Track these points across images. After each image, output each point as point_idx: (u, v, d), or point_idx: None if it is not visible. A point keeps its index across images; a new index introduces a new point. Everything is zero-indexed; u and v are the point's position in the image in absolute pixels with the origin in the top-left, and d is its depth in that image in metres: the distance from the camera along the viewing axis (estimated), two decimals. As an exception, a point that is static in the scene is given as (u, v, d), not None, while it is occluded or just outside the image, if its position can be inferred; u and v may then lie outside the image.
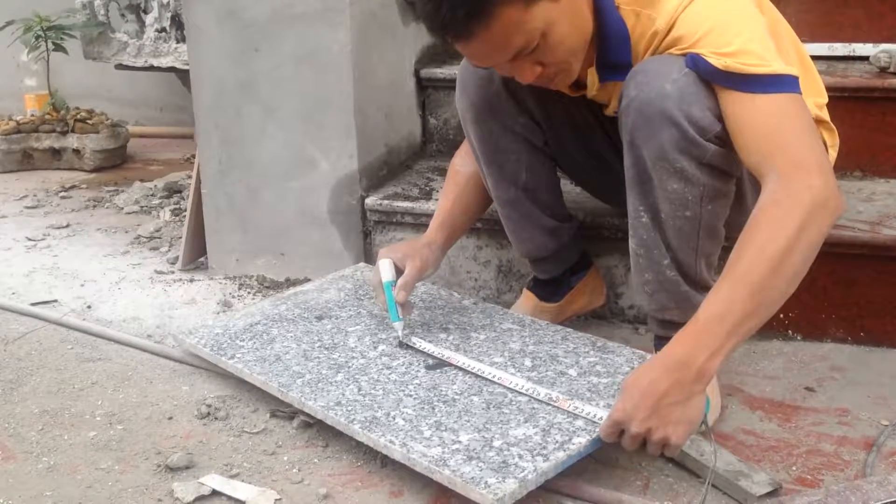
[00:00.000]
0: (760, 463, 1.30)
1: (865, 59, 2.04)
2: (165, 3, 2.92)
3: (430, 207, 1.87)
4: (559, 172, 1.66)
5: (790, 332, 1.70)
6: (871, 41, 2.10)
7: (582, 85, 1.42)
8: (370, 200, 1.96)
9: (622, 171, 1.35)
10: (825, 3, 2.19)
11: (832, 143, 1.48)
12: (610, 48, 1.34)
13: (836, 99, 1.57)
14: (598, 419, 1.25)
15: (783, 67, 1.20)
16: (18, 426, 1.46)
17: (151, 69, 3.03)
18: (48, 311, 1.92)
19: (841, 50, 2.12)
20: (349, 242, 2.01)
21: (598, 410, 1.28)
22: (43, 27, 3.08)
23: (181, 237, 2.19)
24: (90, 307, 1.95)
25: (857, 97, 1.90)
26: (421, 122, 2.28)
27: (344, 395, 1.39)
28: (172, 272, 2.14)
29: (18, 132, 3.15)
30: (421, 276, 1.54)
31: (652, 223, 1.33)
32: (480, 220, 1.77)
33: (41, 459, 1.36)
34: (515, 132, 1.54)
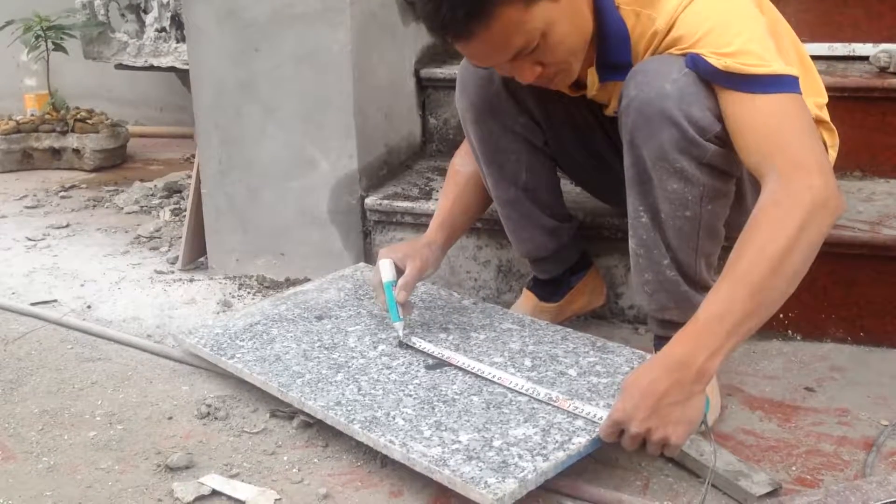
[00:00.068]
0: (760, 463, 1.30)
1: (865, 58, 2.04)
2: (165, 2, 2.92)
3: (429, 207, 1.87)
4: (559, 172, 1.66)
5: (790, 332, 1.70)
6: (870, 41, 2.10)
7: (582, 85, 1.42)
8: (370, 200, 1.96)
9: (622, 171, 1.35)
10: (825, 2, 2.19)
11: (832, 143, 1.48)
12: (610, 48, 1.34)
13: (835, 99, 1.57)
14: (597, 419, 1.25)
15: (783, 68, 1.20)
16: (18, 426, 1.46)
17: (151, 69, 3.03)
18: (48, 311, 1.92)
19: (841, 50, 2.12)
20: (349, 242, 2.01)
21: (597, 410, 1.28)
22: (43, 27, 3.08)
23: (181, 237, 2.19)
24: (90, 307, 1.95)
25: (856, 97, 1.90)
26: (421, 122, 2.28)
27: (344, 394, 1.39)
28: (172, 272, 2.14)
29: (18, 132, 3.15)
30: (421, 276, 1.54)
31: (652, 223, 1.33)
32: (480, 220, 1.77)
33: (41, 459, 1.36)
34: (515, 132, 1.54)
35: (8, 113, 3.36)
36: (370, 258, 1.99)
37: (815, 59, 1.57)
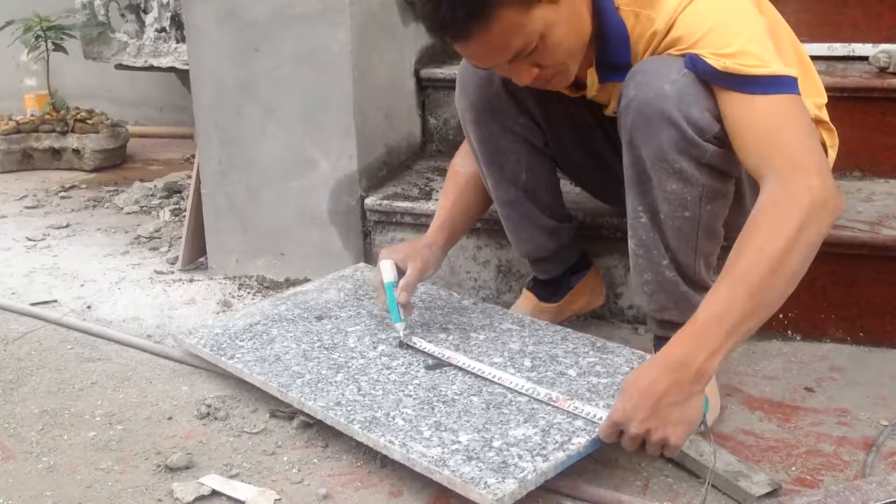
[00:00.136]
0: (760, 463, 1.30)
1: (865, 59, 2.04)
2: (165, 3, 2.92)
3: (429, 207, 1.87)
4: (559, 173, 1.66)
5: (789, 332, 1.70)
6: (870, 41, 2.10)
7: (582, 85, 1.42)
8: (370, 200, 1.96)
9: (622, 171, 1.35)
10: (824, 3, 2.19)
11: (832, 143, 1.48)
12: (609, 49, 1.34)
13: (835, 99, 1.57)
14: (597, 419, 1.25)
15: (782, 68, 1.20)
16: (18, 426, 1.46)
17: (151, 69, 3.03)
18: (48, 311, 1.92)
19: (840, 50, 2.12)
20: (349, 242, 2.01)
21: (597, 411, 1.28)
22: (43, 27, 3.08)
23: (181, 237, 2.19)
24: (90, 307, 1.95)
25: (856, 97, 1.90)
26: (421, 122, 2.28)
27: (343, 395, 1.39)
28: (172, 272, 2.14)
29: (18, 132, 3.15)
30: (422, 276, 1.54)
31: (651, 223, 1.33)
32: (480, 220, 1.77)
33: (41, 459, 1.36)
34: (515, 133, 1.54)
35: (8, 113, 3.36)
36: (370, 258, 2.00)
37: (814, 59, 1.57)
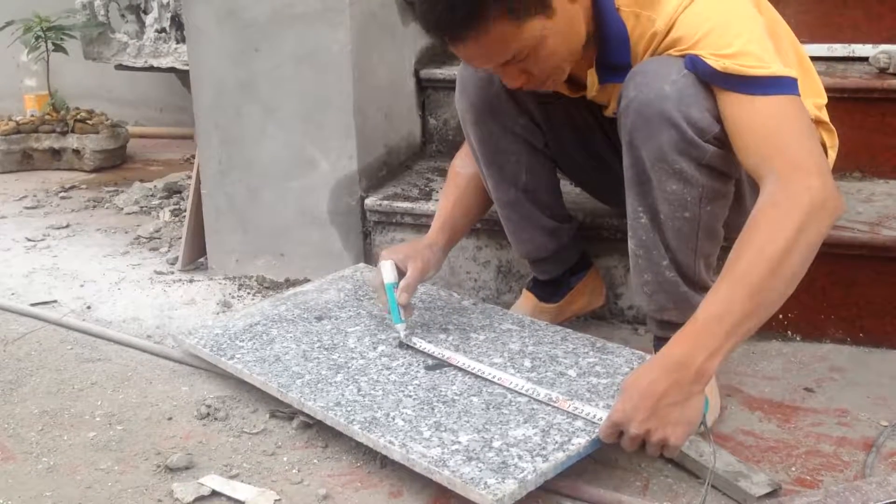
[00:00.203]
0: (760, 464, 1.30)
1: (865, 59, 2.04)
2: (165, 3, 2.92)
3: (429, 208, 1.87)
4: (559, 173, 1.66)
5: (789, 332, 1.70)
6: (870, 42, 2.10)
7: (582, 86, 1.42)
8: (370, 201, 1.96)
9: (622, 171, 1.35)
10: (824, 4, 2.19)
11: (831, 143, 1.48)
12: (610, 50, 1.34)
13: (835, 100, 1.57)
14: (597, 420, 1.25)
15: (782, 69, 1.20)
16: (18, 426, 1.46)
17: (151, 69, 3.03)
18: (48, 311, 1.92)
19: (840, 51, 2.12)
20: (349, 243, 2.01)
21: (597, 411, 1.28)
22: (43, 27, 3.08)
23: (181, 237, 2.19)
24: (90, 308, 1.95)
25: (856, 98, 1.90)
26: (421, 122, 2.28)
27: (343, 395, 1.39)
28: (172, 272, 2.14)
29: (18, 132, 3.15)
30: (423, 277, 1.54)
31: (651, 224, 1.33)
32: (480, 220, 1.77)
33: (41, 460, 1.36)
34: (515, 133, 1.54)
35: (8, 113, 3.36)
36: (370, 259, 2.00)
37: (814, 60, 1.57)
